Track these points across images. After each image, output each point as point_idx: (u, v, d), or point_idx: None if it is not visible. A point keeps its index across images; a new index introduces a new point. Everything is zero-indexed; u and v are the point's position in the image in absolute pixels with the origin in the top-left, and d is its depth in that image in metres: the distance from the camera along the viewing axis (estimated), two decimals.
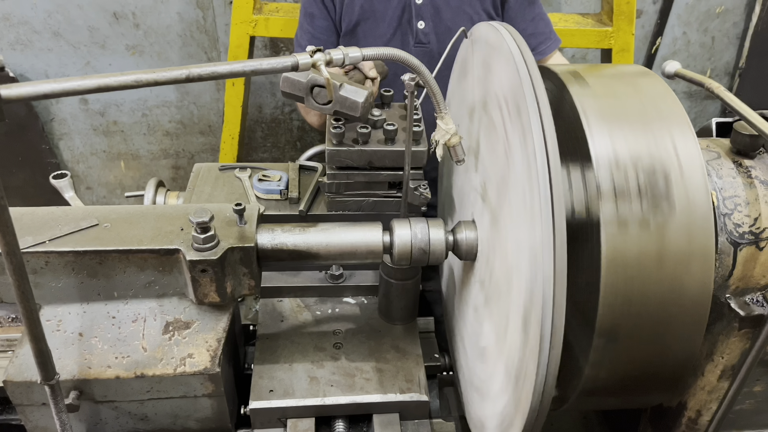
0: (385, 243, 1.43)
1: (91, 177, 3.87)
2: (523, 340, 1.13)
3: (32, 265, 1.37)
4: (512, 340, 1.19)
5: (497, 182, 1.32)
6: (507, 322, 1.23)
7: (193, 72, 0.98)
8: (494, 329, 1.33)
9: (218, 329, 1.46)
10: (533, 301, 1.07)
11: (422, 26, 2.24)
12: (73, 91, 0.93)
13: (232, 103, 3.15)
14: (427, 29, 2.24)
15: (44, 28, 3.28)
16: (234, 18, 2.93)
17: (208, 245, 1.35)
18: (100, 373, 1.36)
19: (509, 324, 1.21)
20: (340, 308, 1.80)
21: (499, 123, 1.29)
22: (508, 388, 1.22)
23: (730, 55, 3.75)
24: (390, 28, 2.26)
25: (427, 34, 2.24)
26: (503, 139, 1.26)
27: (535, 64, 1.18)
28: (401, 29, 2.26)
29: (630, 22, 2.99)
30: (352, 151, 1.62)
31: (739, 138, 1.38)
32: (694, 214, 1.19)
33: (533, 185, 1.08)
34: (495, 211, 1.33)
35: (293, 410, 1.51)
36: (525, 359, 1.12)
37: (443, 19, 2.25)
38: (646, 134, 1.24)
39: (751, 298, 1.34)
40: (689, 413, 1.49)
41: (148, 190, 1.83)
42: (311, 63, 1.10)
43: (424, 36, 2.24)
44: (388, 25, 2.26)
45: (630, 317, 1.21)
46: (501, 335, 1.27)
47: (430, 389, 1.66)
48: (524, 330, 1.12)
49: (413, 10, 2.23)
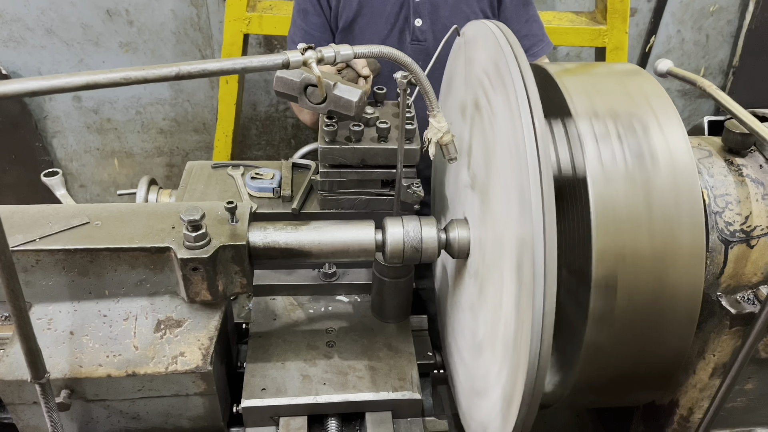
0: (378, 241, 1.43)
1: (84, 175, 3.86)
2: (516, 299, 1.12)
3: (22, 264, 1.36)
4: (507, 313, 1.18)
5: (485, 157, 1.33)
6: (501, 298, 1.21)
7: (183, 69, 0.97)
8: (490, 315, 1.31)
9: (210, 327, 1.45)
10: (524, 241, 1.06)
11: (419, 23, 2.24)
12: (62, 88, 0.92)
13: (226, 101, 3.14)
14: (424, 26, 2.24)
15: (37, 25, 3.27)
16: (227, 15, 2.92)
17: (200, 243, 1.35)
18: (92, 372, 1.36)
19: (503, 299, 1.20)
20: (333, 306, 1.80)
21: (483, 102, 1.30)
22: (505, 361, 1.20)
23: (724, 53, 3.76)
24: (387, 25, 2.26)
25: (424, 31, 2.24)
26: (488, 113, 1.28)
27: (516, 41, 1.21)
28: (398, 26, 2.26)
29: (624, 20, 2.99)
30: (345, 149, 1.61)
31: (730, 136, 1.38)
32: (678, 168, 1.20)
33: (517, 132, 1.09)
34: (484, 187, 1.34)
35: (286, 408, 1.51)
36: (520, 316, 1.10)
37: (440, 16, 2.25)
38: (628, 105, 1.28)
39: (742, 296, 1.34)
40: (681, 411, 1.49)
41: (140, 188, 1.82)
42: (302, 61, 1.10)
43: (421, 33, 2.24)
44: (385, 22, 2.26)
45: (626, 271, 1.20)
46: (496, 317, 1.25)
47: (423, 387, 1.65)
48: (518, 278, 1.11)
49: (411, 7, 2.23)
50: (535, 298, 1.04)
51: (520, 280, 1.11)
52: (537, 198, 1.04)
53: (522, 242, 1.09)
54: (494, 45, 1.23)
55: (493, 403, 1.29)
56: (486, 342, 1.35)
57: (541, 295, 1.04)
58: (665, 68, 1.50)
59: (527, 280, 1.07)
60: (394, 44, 2.28)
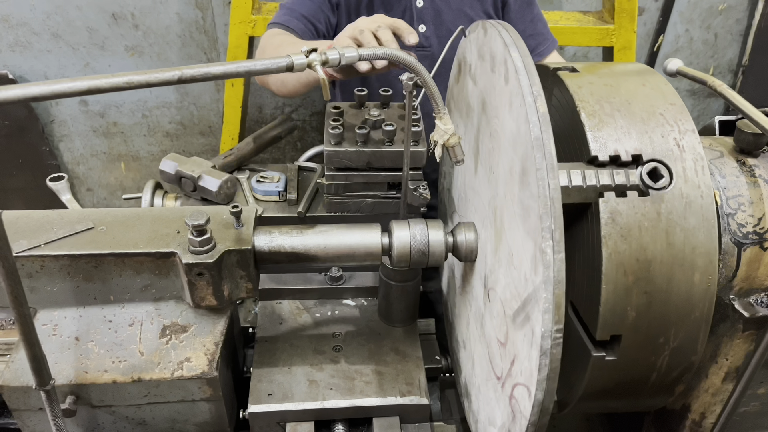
0: (384, 245, 1.42)
1: (91, 178, 3.87)
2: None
3: (27, 269, 1.36)
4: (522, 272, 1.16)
5: (488, 145, 1.31)
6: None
7: (186, 73, 0.96)
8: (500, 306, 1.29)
9: (216, 332, 1.44)
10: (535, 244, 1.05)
11: (423, 30, 2.22)
12: (64, 93, 0.92)
13: (231, 104, 3.14)
14: (428, 33, 2.22)
15: (43, 30, 3.27)
16: (233, 18, 2.91)
17: (205, 248, 1.34)
18: (97, 378, 1.35)
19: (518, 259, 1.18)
20: (340, 310, 1.78)
21: (490, 102, 1.29)
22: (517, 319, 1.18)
23: (733, 52, 3.72)
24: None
25: (428, 37, 2.23)
26: (494, 113, 1.26)
27: (520, 38, 1.20)
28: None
29: (632, 19, 2.97)
30: (350, 152, 1.60)
31: (742, 136, 1.36)
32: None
33: (514, 99, 1.08)
34: (488, 166, 1.33)
35: (292, 414, 1.50)
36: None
37: (444, 21, 2.23)
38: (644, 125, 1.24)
39: (755, 299, 1.32)
40: (693, 416, 1.47)
41: (145, 193, 1.82)
42: (306, 63, 1.09)
43: (425, 40, 2.22)
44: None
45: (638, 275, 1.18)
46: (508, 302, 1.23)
47: (431, 392, 1.64)
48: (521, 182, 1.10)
49: (414, 13, 2.21)
50: (543, 303, 1.03)
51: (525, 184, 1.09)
52: (546, 205, 1.02)
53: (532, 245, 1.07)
54: (499, 43, 1.22)
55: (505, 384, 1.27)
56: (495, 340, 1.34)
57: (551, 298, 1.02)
58: (675, 68, 1.48)
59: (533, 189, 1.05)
60: None
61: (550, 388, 1.04)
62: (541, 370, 1.03)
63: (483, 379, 1.40)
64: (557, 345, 1.02)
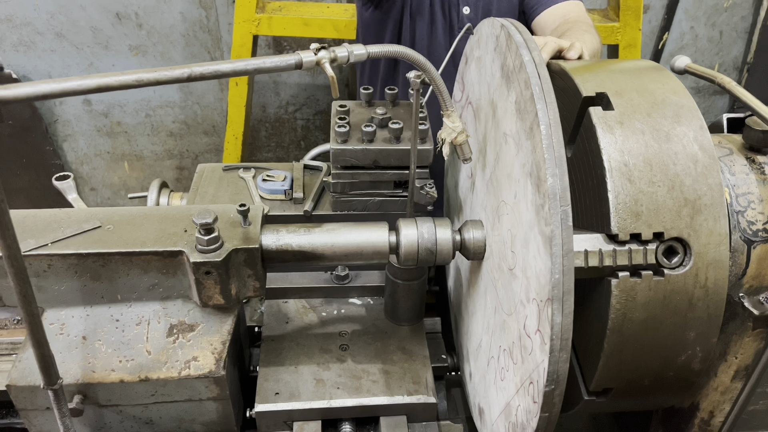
0: (392, 243, 1.41)
1: (95, 178, 3.87)
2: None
3: (35, 269, 1.35)
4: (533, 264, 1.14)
5: (497, 156, 1.31)
6: None
7: (195, 71, 0.96)
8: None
9: (223, 332, 1.44)
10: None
11: (467, 11, 2.24)
12: (73, 91, 0.91)
13: (235, 103, 3.14)
14: (472, 14, 2.25)
15: (47, 29, 3.28)
16: (237, 17, 2.91)
17: (212, 247, 1.34)
18: (104, 377, 1.35)
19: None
20: (346, 309, 1.78)
21: (498, 100, 1.28)
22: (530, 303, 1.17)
23: (738, 49, 3.71)
24: (437, 13, 2.25)
25: (472, 19, 2.24)
26: (502, 112, 1.26)
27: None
28: (447, 14, 2.26)
29: (637, 17, 2.96)
30: (357, 150, 1.59)
31: (751, 134, 1.35)
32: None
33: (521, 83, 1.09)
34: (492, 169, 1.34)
35: (299, 413, 1.50)
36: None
37: (488, 2, 2.25)
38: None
39: (765, 297, 1.31)
40: (702, 414, 1.46)
41: (151, 192, 1.81)
42: (315, 61, 1.08)
43: (468, 20, 2.23)
44: (433, 10, 2.25)
45: None
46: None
47: (438, 390, 1.63)
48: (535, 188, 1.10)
49: None
50: (553, 303, 1.02)
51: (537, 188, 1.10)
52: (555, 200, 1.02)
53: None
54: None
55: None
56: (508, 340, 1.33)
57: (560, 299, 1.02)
58: (683, 65, 1.47)
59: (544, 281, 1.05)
60: (443, 33, 2.27)
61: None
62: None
63: (491, 381, 1.40)
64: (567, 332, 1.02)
